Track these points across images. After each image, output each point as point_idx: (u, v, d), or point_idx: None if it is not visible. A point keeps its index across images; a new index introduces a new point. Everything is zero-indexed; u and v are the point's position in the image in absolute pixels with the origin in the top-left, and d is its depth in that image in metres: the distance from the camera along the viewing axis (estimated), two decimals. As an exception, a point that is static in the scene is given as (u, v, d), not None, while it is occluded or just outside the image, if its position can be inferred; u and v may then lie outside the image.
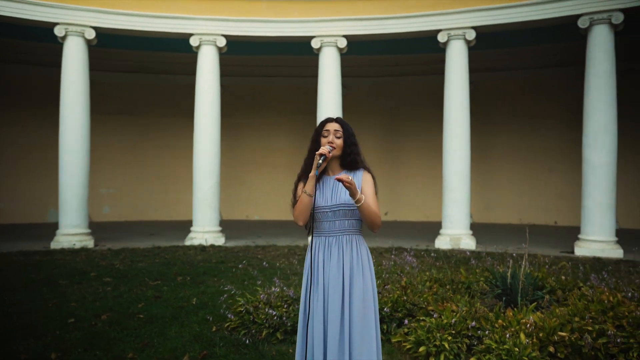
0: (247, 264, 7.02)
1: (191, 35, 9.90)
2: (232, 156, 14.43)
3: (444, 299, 4.36)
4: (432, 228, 10.87)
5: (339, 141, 2.51)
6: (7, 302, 5.17)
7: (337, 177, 2.25)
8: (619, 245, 8.47)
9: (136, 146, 14.93)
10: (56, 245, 9.12)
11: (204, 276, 6.62)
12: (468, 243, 9.27)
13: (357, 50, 10.98)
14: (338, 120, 2.60)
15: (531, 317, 3.75)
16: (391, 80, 14.79)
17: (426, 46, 10.49)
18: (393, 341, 3.93)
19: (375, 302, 2.44)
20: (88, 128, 9.55)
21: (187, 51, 10.31)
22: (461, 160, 9.45)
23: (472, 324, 3.73)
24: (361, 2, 9.88)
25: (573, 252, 8.66)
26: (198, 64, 10.01)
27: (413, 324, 3.94)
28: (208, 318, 4.60)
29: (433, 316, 3.95)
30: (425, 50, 11.88)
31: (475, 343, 3.67)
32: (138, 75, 14.44)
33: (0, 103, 13.67)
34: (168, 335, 4.20)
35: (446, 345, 3.60)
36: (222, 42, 9.98)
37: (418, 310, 4.23)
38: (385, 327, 4.07)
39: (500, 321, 3.76)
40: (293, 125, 14.97)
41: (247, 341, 3.99)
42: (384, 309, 4.14)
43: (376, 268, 4.91)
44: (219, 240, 9.88)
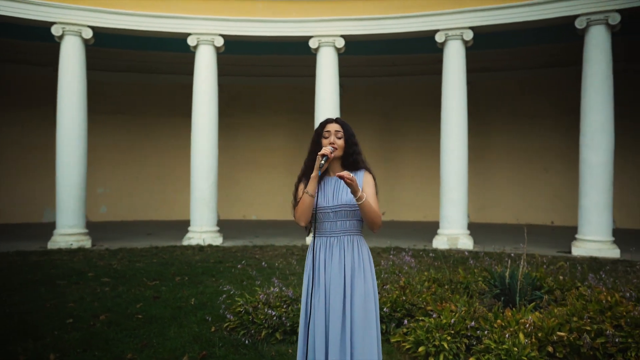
0: (246, 264, 7.01)
1: (189, 34, 9.89)
2: (230, 156, 14.40)
3: (443, 299, 4.37)
4: (430, 228, 10.89)
5: (340, 142, 2.50)
6: (5, 303, 5.15)
7: (339, 174, 2.25)
8: (616, 245, 8.51)
9: (134, 146, 14.88)
10: (53, 245, 9.09)
11: (202, 276, 6.62)
12: (466, 243, 9.30)
13: (355, 50, 10.98)
14: (338, 120, 2.60)
15: (530, 317, 3.77)
16: (389, 80, 14.79)
17: (424, 46, 10.51)
18: (392, 341, 3.94)
19: (376, 303, 2.45)
20: (85, 128, 9.53)
21: (186, 51, 10.29)
22: (458, 160, 9.47)
23: (471, 324, 3.74)
24: (359, 2, 9.89)
25: (570, 252, 8.69)
26: (196, 64, 10.00)
27: (412, 324, 3.94)
28: (207, 318, 4.60)
29: (432, 316, 3.96)
30: (423, 50, 11.90)
31: (474, 343, 3.69)
32: (137, 74, 14.40)
33: (0, 103, 13.63)
34: (167, 335, 4.20)
35: (445, 345, 3.61)
36: (220, 42, 9.97)
37: (417, 310, 4.23)
38: (384, 327, 4.08)
39: (499, 321, 3.78)
40: (290, 125, 14.97)
41: (247, 341, 3.99)
42: (383, 309, 4.14)
43: (375, 268, 4.91)
44: (217, 240, 9.87)
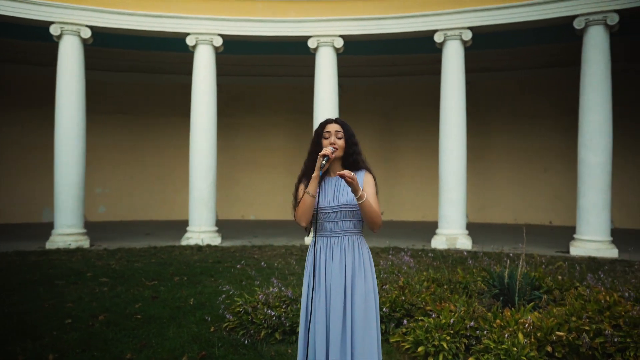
0: (245, 264, 7.00)
1: (187, 34, 9.88)
2: (229, 156, 14.40)
3: (442, 299, 4.37)
4: (428, 228, 10.89)
5: (341, 142, 2.51)
6: (4, 303, 5.14)
7: (339, 173, 2.26)
8: (614, 245, 8.53)
9: (132, 146, 14.86)
10: (51, 245, 9.07)
11: (201, 276, 6.61)
12: (464, 243, 9.31)
13: (355, 50, 10.99)
14: (338, 121, 2.60)
15: (529, 317, 3.77)
16: (388, 80, 14.79)
17: (423, 46, 10.50)
18: (391, 341, 3.94)
19: (376, 303, 2.45)
20: (84, 128, 9.51)
21: (187, 50, 10.28)
22: (457, 160, 9.48)
23: (471, 324, 3.75)
24: (358, 2, 9.89)
25: (568, 252, 8.70)
26: (194, 64, 9.99)
27: (411, 324, 3.95)
28: (206, 318, 4.59)
29: (431, 316, 3.96)
30: (422, 50, 11.90)
31: (473, 343, 3.69)
32: (136, 74, 14.38)
33: (0, 103, 13.61)
34: (166, 335, 4.19)
35: (445, 345, 3.61)
36: (219, 42, 9.95)
37: (416, 310, 4.24)
38: (383, 327, 4.08)
39: (498, 321, 3.78)
40: (290, 125, 14.96)
41: (246, 341, 3.99)
42: (382, 309, 4.15)
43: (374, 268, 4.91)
44: (215, 240, 9.86)
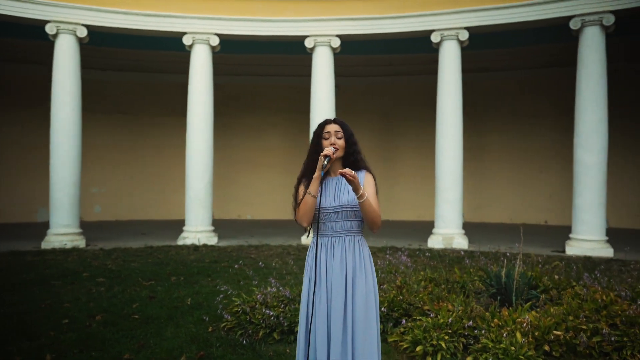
0: (243, 264, 7.00)
1: (184, 34, 9.85)
2: (226, 155, 14.37)
3: (440, 299, 4.39)
4: (424, 227, 10.91)
5: (341, 142, 2.51)
6: (1, 303, 5.12)
7: (341, 171, 2.26)
8: (609, 244, 8.58)
9: (130, 145, 14.80)
10: (47, 245, 9.03)
11: (198, 276, 6.60)
12: (460, 242, 9.33)
13: (351, 49, 10.98)
14: (337, 121, 2.60)
15: (527, 317, 3.79)
16: (385, 80, 14.80)
17: (421, 46, 10.50)
18: (390, 341, 3.94)
19: (376, 303, 2.45)
20: (79, 127, 9.47)
21: (184, 50, 10.25)
22: (454, 160, 9.50)
23: (469, 324, 3.76)
24: (355, 2, 9.89)
25: (564, 251, 8.74)
26: (191, 63, 9.96)
27: (409, 324, 3.96)
28: (204, 318, 4.59)
29: (429, 316, 3.97)
30: (419, 50, 11.90)
31: (471, 342, 3.70)
32: (134, 74, 14.33)
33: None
34: (164, 335, 4.19)
35: (443, 344, 3.62)
36: (216, 41, 9.94)
37: (414, 309, 4.25)
38: (381, 327, 4.08)
39: (496, 320, 3.80)
40: (287, 124, 14.94)
41: (244, 341, 3.98)
42: (381, 309, 4.15)
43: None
44: (212, 239, 9.84)
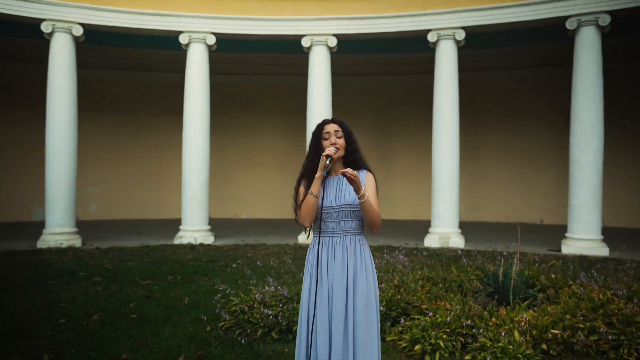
0: (241, 263, 7.00)
1: (180, 32, 9.82)
2: (223, 154, 14.33)
3: (437, 298, 4.40)
4: (420, 226, 10.93)
5: (341, 141, 2.51)
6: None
7: (342, 171, 2.26)
8: (605, 243, 8.62)
9: (125, 144, 14.74)
10: (43, 244, 8.99)
11: (195, 275, 6.59)
12: (457, 241, 9.35)
13: (348, 49, 10.98)
14: (335, 120, 2.60)
15: (524, 315, 3.81)
16: (382, 79, 14.81)
17: (417, 45, 10.52)
18: (388, 340, 3.95)
19: (377, 303, 2.46)
20: (75, 126, 9.42)
21: (181, 48, 10.22)
22: (450, 159, 9.51)
23: (467, 323, 3.77)
24: (351, 2, 9.89)
25: (560, 250, 8.78)
26: (187, 62, 9.93)
27: (408, 323, 3.96)
28: (202, 318, 4.58)
29: (427, 315, 3.99)
30: (416, 49, 11.93)
31: (469, 341, 3.72)
32: (132, 72, 14.28)
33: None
34: (162, 335, 4.18)
35: (441, 343, 3.64)
36: (212, 40, 9.91)
37: (412, 309, 4.26)
38: (380, 326, 4.09)
39: (494, 319, 3.81)
40: (284, 124, 14.92)
41: (243, 341, 3.98)
42: (379, 308, 4.16)
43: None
44: (208, 239, 9.83)
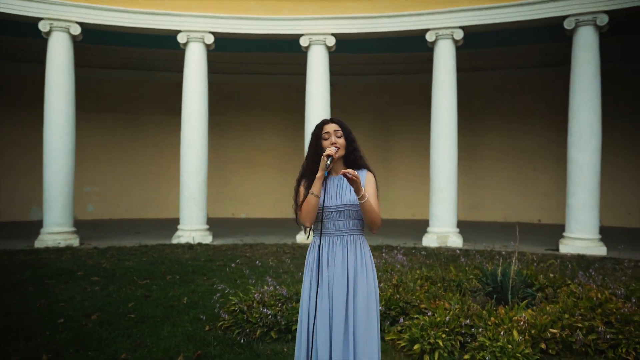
0: (240, 263, 6.99)
1: (179, 32, 9.80)
2: (221, 154, 14.31)
3: (436, 297, 4.41)
4: (419, 226, 10.94)
5: (341, 140, 2.51)
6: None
7: (343, 171, 2.26)
8: (602, 242, 8.64)
9: (123, 144, 14.71)
10: (40, 244, 8.97)
11: (193, 275, 6.58)
12: (455, 241, 9.36)
13: (347, 48, 10.98)
14: (335, 120, 2.59)
15: (523, 315, 3.82)
16: (381, 78, 14.80)
17: (416, 45, 10.51)
18: (387, 339, 3.95)
19: (377, 303, 2.46)
20: (73, 125, 9.40)
21: (179, 48, 10.20)
22: (449, 159, 9.52)
23: (466, 322, 3.77)
24: (350, 1, 9.88)
25: (558, 250, 8.80)
26: (185, 61, 9.92)
27: (407, 322, 3.97)
28: (201, 317, 4.57)
29: (427, 314, 3.99)
30: (415, 49, 11.89)
31: (468, 340, 3.72)
32: (130, 72, 14.25)
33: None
34: (161, 335, 4.17)
35: (440, 342, 3.64)
36: (210, 39, 9.90)
37: (411, 308, 4.26)
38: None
39: (493, 319, 3.82)
40: (283, 123, 14.91)
41: (242, 340, 3.98)
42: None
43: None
44: (207, 238, 9.82)
